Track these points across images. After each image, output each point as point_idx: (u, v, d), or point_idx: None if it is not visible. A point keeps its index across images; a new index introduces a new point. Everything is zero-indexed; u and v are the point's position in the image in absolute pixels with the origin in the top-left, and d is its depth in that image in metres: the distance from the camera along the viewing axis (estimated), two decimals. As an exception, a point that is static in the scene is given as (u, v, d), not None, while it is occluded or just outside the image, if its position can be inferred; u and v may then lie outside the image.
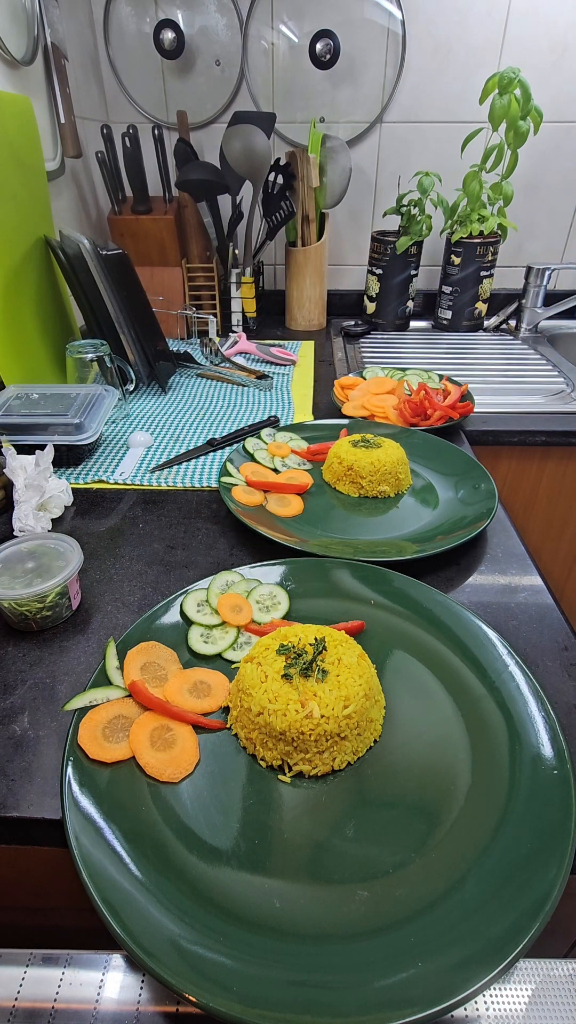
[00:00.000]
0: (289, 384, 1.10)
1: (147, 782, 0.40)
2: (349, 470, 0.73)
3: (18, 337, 0.91)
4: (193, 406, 1.00)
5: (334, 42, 1.29)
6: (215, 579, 0.56)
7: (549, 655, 0.51)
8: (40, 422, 0.77)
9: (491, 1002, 0.34)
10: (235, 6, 1.29)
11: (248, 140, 1.17)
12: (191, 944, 0.32)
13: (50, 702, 0.47)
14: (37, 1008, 0.34)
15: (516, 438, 0.96)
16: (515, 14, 1.26)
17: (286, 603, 0.54)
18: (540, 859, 0.35)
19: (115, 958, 0.36)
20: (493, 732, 0.43)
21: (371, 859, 0.36)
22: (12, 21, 0.97)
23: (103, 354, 0.91)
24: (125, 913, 0.32)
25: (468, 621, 0.51)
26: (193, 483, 0.77)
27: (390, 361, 1.28)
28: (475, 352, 1.33)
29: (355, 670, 0.43)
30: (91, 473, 0.78)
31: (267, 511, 0.69)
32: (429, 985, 0.30)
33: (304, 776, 0.41)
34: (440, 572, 0.60)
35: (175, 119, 1.35)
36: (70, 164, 1.25)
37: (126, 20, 1.32)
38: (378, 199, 1.47)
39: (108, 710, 0.44)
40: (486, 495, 0.69)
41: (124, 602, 0.57)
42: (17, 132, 0.93)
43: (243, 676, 0.44)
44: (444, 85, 1.33)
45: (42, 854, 0.42)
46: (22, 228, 0.93)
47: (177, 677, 0.47)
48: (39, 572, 0.53)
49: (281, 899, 0.34)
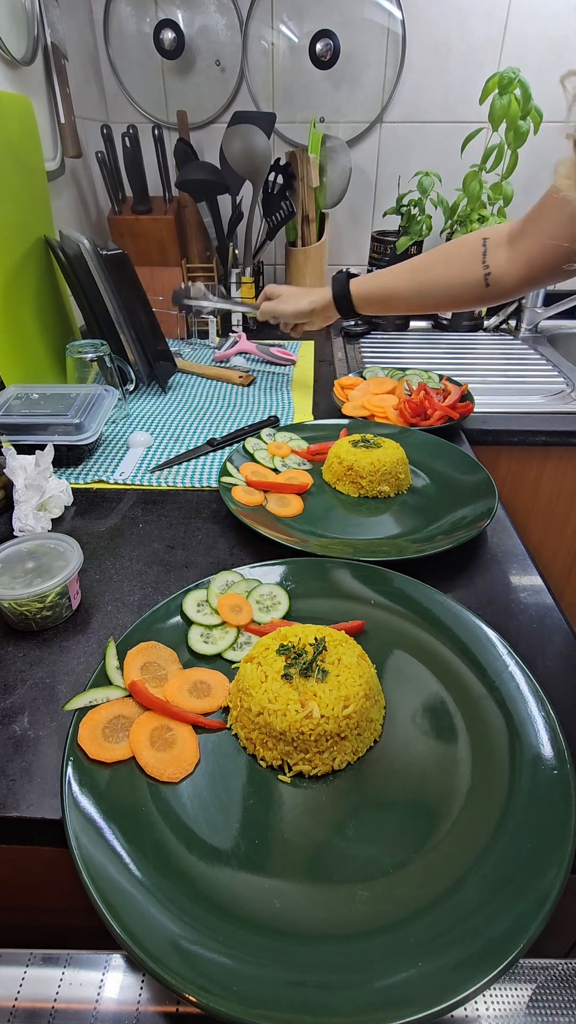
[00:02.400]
0: (289, 384, 1.10)
1: (147, 782, 0.40)
2: (349, 470, 0.73)
3: (18, 337, 0.91)
4: (193, 406, 1.00)
5: (334, 42, 1.29)
6: (215, 579, 0.56)
7: (549, 655, 0.51)
8: (40, 422, 0.77)
9: (491, 1002, 0.34)
10: (235, 6, 1.29)
11: (248, 140, 1.17)
12: (191, 944, 0.32)
13: (50, 702, 0.47)
14: (37, 1008, 0.34)
15: (516, 438, 0.96)
16: (515, 14, 1.26)
17: (286, 603, 0.54)
18: (540, 859, 0.35)
19: (115, 958, 0.36)
20: (493, 732, 0.43)
21: (371, 859, 0.36)
22: (12, 21, 0.97)
23: (103, 354, 0.91)
24: (125, 913, 0.32)
25: (468, 621, 0.51)
26: (193, 483, 0.77)
27: (390, 361, 1.28)
28: (475, 352, 1.33)
29: (355, 670, 0.43)
30: (91, 473, 0.78)
31: (267, 511, 0.69)
32: (429, 985, 0.30)
33: (304, 776, 0.41)
34: (440, 572, 0.60)
35: (175, 119, 1.35)
36: (70, 164, 1.25)
37: (126, 20, 1.32)
38: (378, 199, 1.47)
39: (108, 710, 0.44)
40: (486, 495, 0.69)
41: (124, 602, 0.57)
42: (17, 132, 0.93)
43: (243, 676, 0.44)
44: (444, 85, 1.33)
45: (42, 854, 0.42)
46: (22, 228, 0.93)
47: (177, 677, 0.47)
48: (39, 572, 0.53)
49: (281, 899, 0.34)
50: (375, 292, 0.88)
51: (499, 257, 0.77)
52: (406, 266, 0.86)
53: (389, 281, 0.87)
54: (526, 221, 0.75)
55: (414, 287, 0.84)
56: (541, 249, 0.72)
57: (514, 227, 0.77)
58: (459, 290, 0.81)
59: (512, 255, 0.76)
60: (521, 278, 0.77)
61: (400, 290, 0.86)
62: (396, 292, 0.86)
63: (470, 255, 0.79)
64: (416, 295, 0.85)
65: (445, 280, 0.82)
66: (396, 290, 0.86)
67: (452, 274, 0.81)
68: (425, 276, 0.83)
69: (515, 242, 0.76)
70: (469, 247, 0.79)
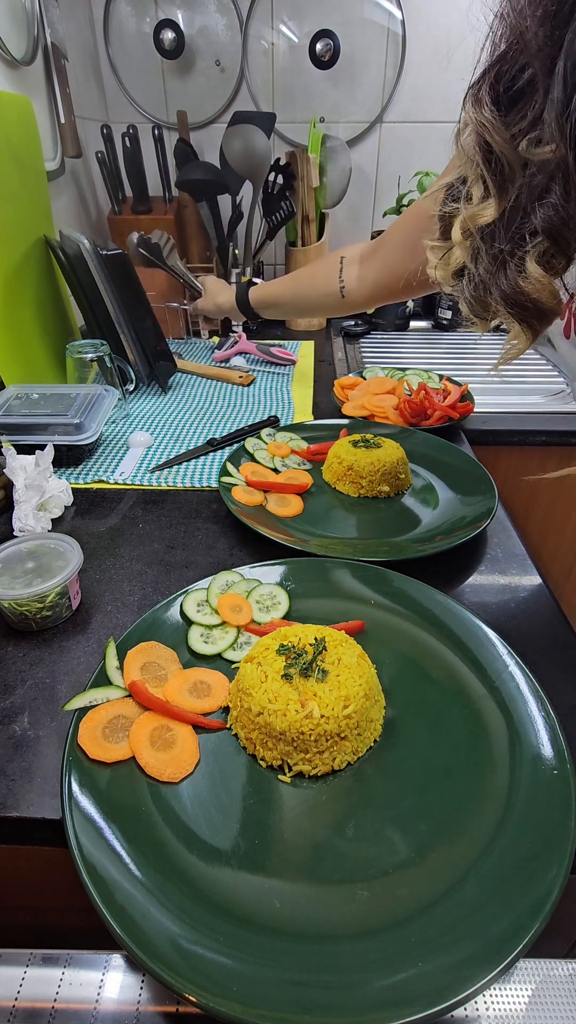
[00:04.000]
0: (289, 384, 1.10)
1: (147, 782, 0.40)
2: (349, 470, 0.73)
3: (18, 337, 0.91)
4: (193, 406, 1.00)
5: (334, 42, 1.29)
6: (215, 579, 0.56)
7: (549, 655, 0.51)
8: (40, 422, 0.77)
9: (491, 1002, 0.34)
10: (235, 6, 1.29)
11: (248, 140, 1.17)
12: (191, 944, 0.32)
13: (50, 702, 0.47)
14: (37, 1008, 0.34)
15: (516, 438, 0.96)
16: (515, 14, 1.26)
17: (286, 603, 0.54)
18: (540, 859, 0.35)
19: (115, 958, 0.36)
20: (493, 732, 0.43)
21: (371, 859, 0.36)
22: (12, 21, 0.97)
23: (103, 354, 0.91)
24: (125, 913, 0.32)
25: (468, 621, 0.51)
26: (193, 483, 0.77)
27: (390, 361, 1.28)
28: (475, 352, 1.33)
29: (355, 670, 0.43)
30: (91, 473, 0.78)
31: (267, 511, 0.69)
32: (429, 985, 0.30)
33: (304, 776, 0.41)
34: (440, 572, 0.60)
35: (175, 119, 1.35)
36: (70, 164, 1.25)
37: (126, 20, 1.32)
38: (378, 199, 1.47)
39: (108, 710, 0.44)
40: (486, 495, 0.69)
41: (124, 602, 0.57)
42: (17, 132, 0.93)
43: (243, 676, 0.44)
44: (444, 85, 1.33)
45: (42, 854, 0.42)
46: (22, 228, 0.93)
47: (177, 677, 0.47)
48: (39, 572, 0.53)
49: (281, 899, 0.34)
50: (265, 297, 1.02)
51: (351, 274, 0.87)
52: (289, 276, 1.01)
53: (275, 289, 1.01)
54: (375, 245, 0.85)
55: (291, 294, 0.99)
56: (382, 271, 0.83)
57: (365, 249, 0.86)
58: (323, 299, 0.93)
59: (361, 273, 0.86)
60: (369, 294, 0.87)
61: (283, 296, 1.00)
62: (280, 298, 1.00)
63: (330, 270, 0.89)
64: (293, 301, 1.00)
65: (312, 290, 0.94)
66: (280, 296, 1.00)
67: (317, 285, 0.93)
68: (299, 286, 0.97)
69: (364, 262, 0.86)
70: (331, 263, 0.90)
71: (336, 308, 0.93)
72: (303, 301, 0.99)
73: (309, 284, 0.95)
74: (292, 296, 0.99)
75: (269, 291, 1.01)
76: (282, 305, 1.02)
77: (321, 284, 0.91)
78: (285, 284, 1.00)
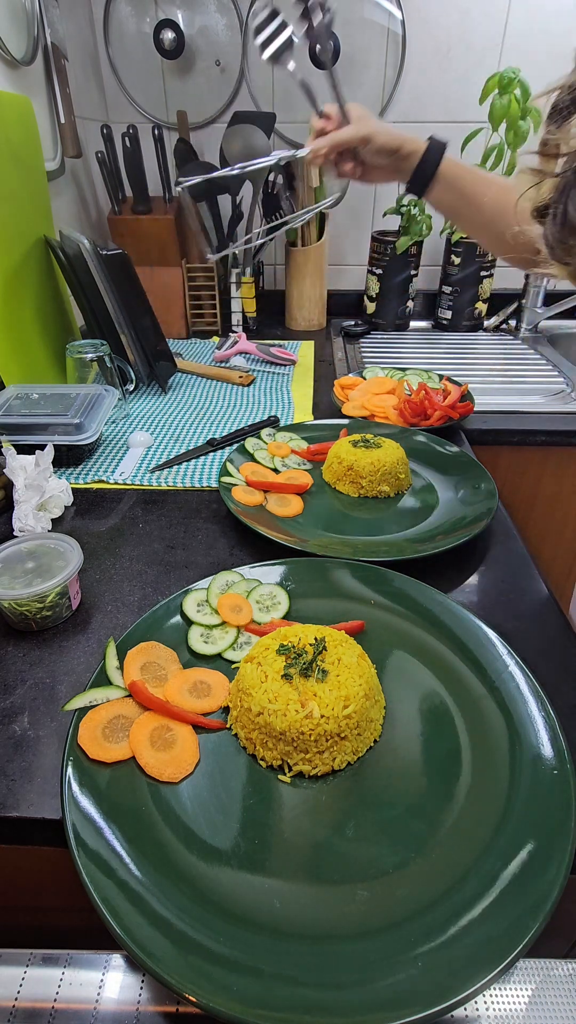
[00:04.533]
0: (289, 384, 1.10)
1: (147, 782, 0.40)
2: (349, 470, 0.73)
3: (18, 337, 0.91)
4: (193, 406, 1.00)
5: (334, 42, 1.29)
6: (215, 579, 0.56)
7: (549, 655, 0.51)
8: (40, 422, 0.77)
9: (491, 1002, 0.34)
10: (235, 6, 1.29)
11: (248, 140, 1.17)
12: (191, 944, 0.32)
13: (50, 702, 0.47)
14: (37, 1008, 0.34)
15: (516, 438, 0.96)
16: (515, 13, 1.26)
17: (286, 603, 0.54)
18: (540, 859, 0.35)
19: (115, 958, 0.36)
20: (493, 732, 0.43)
21: (371, 859, 0.36)
22: (12, 21, 0.97)
23: (103, 354, 0.91)
24: (125, 913, 0.32)
25: (468, 621, 0.51)
26: (193, 483, 0.77)
27: (390, 361, 1.28)
28: (475, 352, 1.33)
29: (355, 670, 0.43)
30: (91, 473, 0.78)
31: (267, 511, 0.69)
32: (429, 985, 0.30)
33: (304, 776, 0.41)
34: (440, 572, 0.60)
35: (175, 119, 1.35)
36: (70, 164, 1.25)
37: (126, 20, 1.32)
38: (378, 199, 1.46)
39: (108, 710, 0.44)
40: (486, 495, 0.69)
41: (124, 602, 0.57)
42: (17, 132, 0.92)
43: (243, 676, 0.44)
44: (444, 85, 1.33)
45: (42, 854, 0.42)
46: (22, 228, 0.93)
47: (177, 677, 0.47)
48: (39, 572, 0.53)
49: (281, 899, 0.34)
50: (459, 178, 0.78)
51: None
52: (497, 181, 0.78)
53: (477, 181, 0.78)
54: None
55: (488, 203, 0.76)
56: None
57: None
58: (490, 225, 0.76)
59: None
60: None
61: (477, 197, 0.77)
62: (473, 197, 0.77)
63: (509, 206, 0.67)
64: (484, 211, 0.77)
65: (493, 209, 0.74)
66: (474, 196, 0.77)
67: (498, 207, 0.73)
68: (496, 199, 0.75)
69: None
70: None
71: (496, 242, 0.76)
72: (478, 213, 0.77)
73: (494, 199, 0.74)
74: (485, 204, 0.76)
75: (460, 172, 0.78)
76: (473, 205, 0.78)
77: (501, 207, 0.73)
78: (478, 179, 0.78)
